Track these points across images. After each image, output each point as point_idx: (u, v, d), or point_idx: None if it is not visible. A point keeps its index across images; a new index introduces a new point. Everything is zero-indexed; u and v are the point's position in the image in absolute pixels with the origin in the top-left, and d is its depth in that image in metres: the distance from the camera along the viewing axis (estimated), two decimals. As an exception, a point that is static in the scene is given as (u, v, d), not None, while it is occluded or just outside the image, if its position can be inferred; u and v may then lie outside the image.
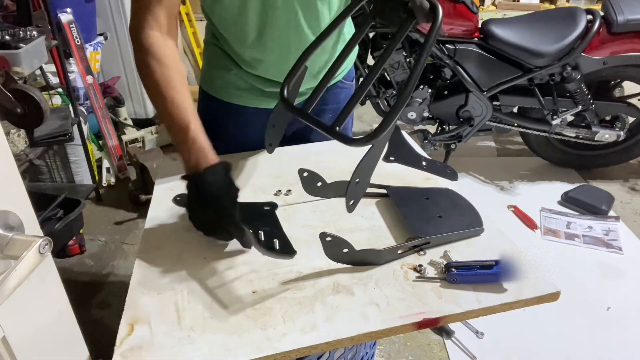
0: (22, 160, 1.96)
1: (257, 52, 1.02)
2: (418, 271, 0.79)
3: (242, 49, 1.03)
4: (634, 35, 2.24)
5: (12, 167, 0.49)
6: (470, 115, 2.47)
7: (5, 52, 1.77)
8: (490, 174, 2.72)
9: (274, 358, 0.66)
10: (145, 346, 0.66)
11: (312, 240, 0.85)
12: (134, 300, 0.74)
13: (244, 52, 1.03)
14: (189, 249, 0.85)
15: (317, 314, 0.71)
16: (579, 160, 2.75)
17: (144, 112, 3.25)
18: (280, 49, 1.01)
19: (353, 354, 1.01)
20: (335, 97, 1.19)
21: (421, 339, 1.74)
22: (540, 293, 0.75)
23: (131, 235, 2.33)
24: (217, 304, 0.73)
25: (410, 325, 0.71)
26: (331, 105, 1.19)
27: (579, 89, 2.32)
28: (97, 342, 0.79)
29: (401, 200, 0.94)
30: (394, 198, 0.95)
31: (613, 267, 2.04)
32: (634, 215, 2.42)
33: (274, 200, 0.97)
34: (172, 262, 0.82)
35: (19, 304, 0.49)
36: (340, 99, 1.20)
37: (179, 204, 0.96)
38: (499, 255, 0.79)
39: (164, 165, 1.12)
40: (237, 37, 1.01)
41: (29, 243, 0.47)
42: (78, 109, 2.28)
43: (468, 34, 2.33)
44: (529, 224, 2.30)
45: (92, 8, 2.67)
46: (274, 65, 1.04)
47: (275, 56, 1.02)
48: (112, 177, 2.73)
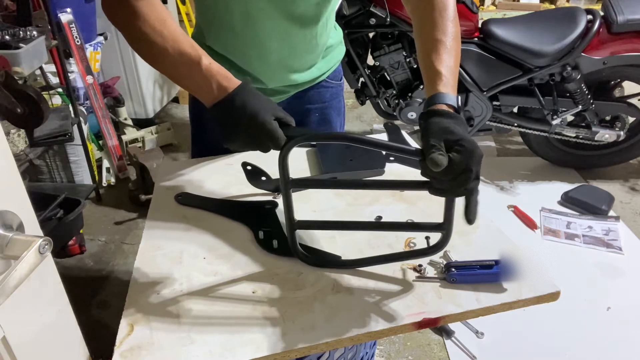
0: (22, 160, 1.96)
1: (239, 41, 1.01)
2: (418, 271, 0.79)
3: (225, 38, 1.01)
4: (634, 35, 2.24)
5: (12, 167, 0.49)
6: (470, 115, 2.47)
7: (5, 52, 1.77)
8: (490, 174, 2.72)
9: (273, 358, 0.66)
10: (145, 346, 0.66)
11: (312, 240, 0.85)
12: (134, 300, 0.74)
13: (224, 37, 1.02)
14: (189, 249, 0.85)
15: (317, 314, 0.71)
16: (579, 160, 2.75)
17: (144, 112, 3.25)
18: (260, 40, 1.00)
19: (353, 354, 1.01)
20: (320, 96, 1.18)
21: (421, 339, 1.74)
22: (540, 293, 0.75)
23: (131, 235, 2.33)
24: (217, 304, 0.73)
25: (410, 325, 0.70)
26: (316, 104, 1.18)
27: (579, 89, 2.32)
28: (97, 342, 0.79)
29: (324, 146, 1.12)
30: (318, 145, 1.12)
31: (613, 267, 2.04)
32: (634, 215, 2.42)
33: (272, 200, 0.97)
34: (172, 262, 0.82)
35: (19, 304, 0.49)
36: (326, 98, 1.19)
37: (180, 202, 0.97)
38: (499, 255, 0.79)
39: (164, 165, 1.13)
40: (220, 24, 1.00)
41: (29, 243, 0.47)
42: (78, 109, 2.28)
43: (468, 34, 2.33)
44: (529, 224, 2.30)
45: (92, 8, 2.67)
46: (255, 57, 1.03)
47: (257, 50, 1.01)
48: (112, 177, 2.73)
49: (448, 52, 0.77)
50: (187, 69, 0.77)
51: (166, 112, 3.55)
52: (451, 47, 0.77)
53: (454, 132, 0.65)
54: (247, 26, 0.97)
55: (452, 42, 0.78)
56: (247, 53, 1.02)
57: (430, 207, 0.95)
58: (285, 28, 0.98)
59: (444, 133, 0.65)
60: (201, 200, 0.97)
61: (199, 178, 1.06)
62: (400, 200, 0.98)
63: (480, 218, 0.92)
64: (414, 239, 0.85)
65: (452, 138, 0.65)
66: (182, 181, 1.05)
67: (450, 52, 0.77)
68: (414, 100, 2.46)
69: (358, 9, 2.34)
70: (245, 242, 0.86)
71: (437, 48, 0.77)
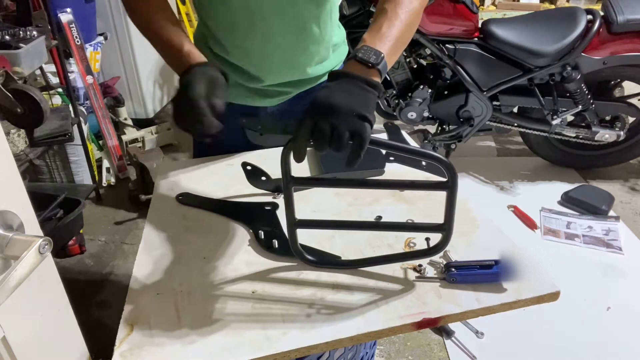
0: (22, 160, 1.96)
1: (238, 38, 1.01)
2: (418, 271, 0.79)
3: (223, 33, 1.02)
4: (634, 35, 2.24)
5: (12, 167, 0.49)
6: (470, 115, 2.47)
7: (5, 52, 1.77)
8: (490, 174, 2.72)
9: (273, 358, 0.66)
10: (145, 346, 0.66)
11: (313, 241, 0.85)
12: (134, 300, 0.74)
13: (224, 36, 1.02)
14: (189, 249, 0.85)
15: (317, 313, 0.71)
16: (579, 160, 2.75)
17: (144, 112, 3.25)
18: (262, 35, 0.99)
19: (353, 354, 1.01)
20: None
21: (421, 339, 1.74)
22: (540, 293, 0.75)
23: (131, 235, 2.33)
24: (217, 304, 0.73)
25: (410, 325, 0.70)
26: None
27: (579, 89, 2.32)
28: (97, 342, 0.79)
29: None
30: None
31: (613, 267, 2.04)
32: (634, 215, 2.42)
33: (273, 201, 0.97)
34: (172, 262, 0.82)
35: (19, 304, 0.49)
36: None
37: (182, 202, 0.97)
38: (499, 255, 0.79)
39: (164, 165, 1.13)
40: (220, 21, 1.00)
41: (29, 243, 0.47)
42: (78, 109, 2.28)
43: (468, 34, 2.33)
44: (529, 224, 2.30)
45: (92, 8, 2.67)
46: (256, 52, 1.02)
47: (258, 40, 1.00)
48: (112, 177, 2.73)
49: (388, 18, 0.78)
50: (172, 56, 0.86)
51: (166, 112, 3.55)
52: (395, 14, 0.78)
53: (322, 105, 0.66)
54: (248, 10, 0.96)
55: (397, 10, 0.79)
56: (248, 46, 1.01)
57: (430, 207, 0.95)
58: (288, 10, 0.97)
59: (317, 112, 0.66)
60: (202, 201, 0.97)
61: (199, 178, 1.06)
62: (400, 201, 0.98)
63: (480, 218, 0.92)
64: (414, 239, 0.85)
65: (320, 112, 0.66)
66: (182, 181, 1.05)
67: (391, 18, 0.78)
68: (414, 100, 2.46)
69: (358, 9, 2.34)
70: (246, 242, 0.86)
71: (379, 13, 0.80)
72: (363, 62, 0.71)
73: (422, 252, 0.79)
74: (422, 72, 2.52)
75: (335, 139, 0.65)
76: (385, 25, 0.77)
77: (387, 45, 0.75)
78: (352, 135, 0.65)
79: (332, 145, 0.65)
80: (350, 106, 0.65)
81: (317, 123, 0.65)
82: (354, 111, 0.65)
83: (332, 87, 0.68)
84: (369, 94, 0.69)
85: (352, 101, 0.66)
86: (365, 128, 0.65)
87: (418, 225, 0.82)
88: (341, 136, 0.64)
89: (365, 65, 0.71)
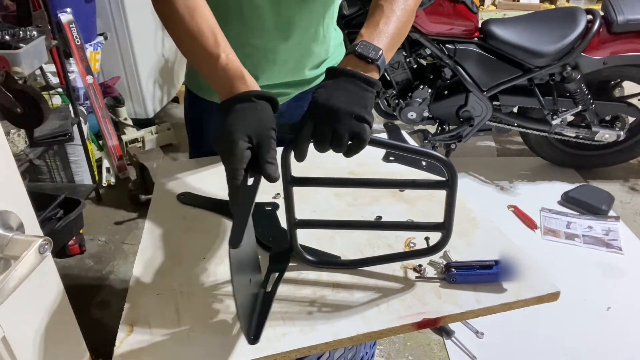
0: (22, 160, 1.96)
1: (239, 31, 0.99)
2: (418, 271, 0.79)
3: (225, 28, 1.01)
4: (634, 35, 2.24)
5: (12, 167, 0.49)
6: (470, 115, 2.47)
7: (5, 52, 1.77)
8: (490, 174, 2.72)
9: (274, 358, 0.66)
10: (145, 346, 0.66)
11: (313, 241, 0.85)
12: (134, 300, 0.74)
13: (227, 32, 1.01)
14: (189, 249, 0.85)
15: (317, 313, 0.71)
16: (579, 160, 2.75)
17: (144, 112, 3.24)
18: (269, 33, 0.98)
19: (353, 354, 1.01)
20: None
21: (421, 339, 1.74)
22: (540, 293, 0.75)
23: (131, 235, 2.33)
24: (217, 304, 0.73)
25: (410, 326, 0.70)
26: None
27: (579, 89, 2.32)
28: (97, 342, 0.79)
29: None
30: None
31: (613, 267, 2.04)
32: (634, 215, 2.42)
33: (273, 201, 0.97)
34: (172, 262, 0.82)
35: (19, 304, 0.50)
36: None
37: (183, 202, 0.97)
38: (499, 255, 0.79)
39: (164, 165, 1.13)
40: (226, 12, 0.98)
41: (29, 243, 0.47)
42: (78, 109, 2.28)
43: (468, 34, 2.33)
44: (529, 224, 2.30)
45: (92, 8, 2.67)
46: (260, 50, 1.01)
47: (264, 40, 1.00)
48: (112, 177, 2.73)
49: (385, 15, 0.77)
50: (206, 65, 0.76)
51: (166, 112, 3.55)
52: (392, 11, 0.78)
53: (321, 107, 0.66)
54: (255, 5, 0.95)
55: (393, 7, 0.78)
56: (254, 43, 1.00)
57: (430, 207, 0.95)
58: (296, 9, 0.96)
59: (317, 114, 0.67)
60: (204, 200, 0.97)
61: (199, 178, 1.06)
62: (400, 201, 0.98)
63: (480, 218, 0.92)
64: (414, 239, 0.85)
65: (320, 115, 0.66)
66: (182, 181, 1.05)
67: (388, 15, 0.77)
68: (414, 100, 2.46)
69: (358, 8, 2.34)
70: (245, 242, 0.86)
71: (375, 9, 0.79)
72: (362, 57, 0.71)
73: (422, 251, 0.79)
74: (422, 72, 2.52)
75: (336, 141, 0.66)
76: (382, 21, 0.76)
77: (384, 41, 0.74)
78: (352, 136, 0.66)
79: (332, 146, 0.67)
80: (350, 109, 0.66)
81: (317, 126, 0.66)
82: (353, 113, 0.65)
83: (331, 86, 0.68)
84: (367, 94, 0.69)
85: (351, 103, 0.66)
86: (365, 129, 0.66)
87: (418, 224, 0.82)
88: (341, 138, 0.65)
89: (364, 60, 0.71)
